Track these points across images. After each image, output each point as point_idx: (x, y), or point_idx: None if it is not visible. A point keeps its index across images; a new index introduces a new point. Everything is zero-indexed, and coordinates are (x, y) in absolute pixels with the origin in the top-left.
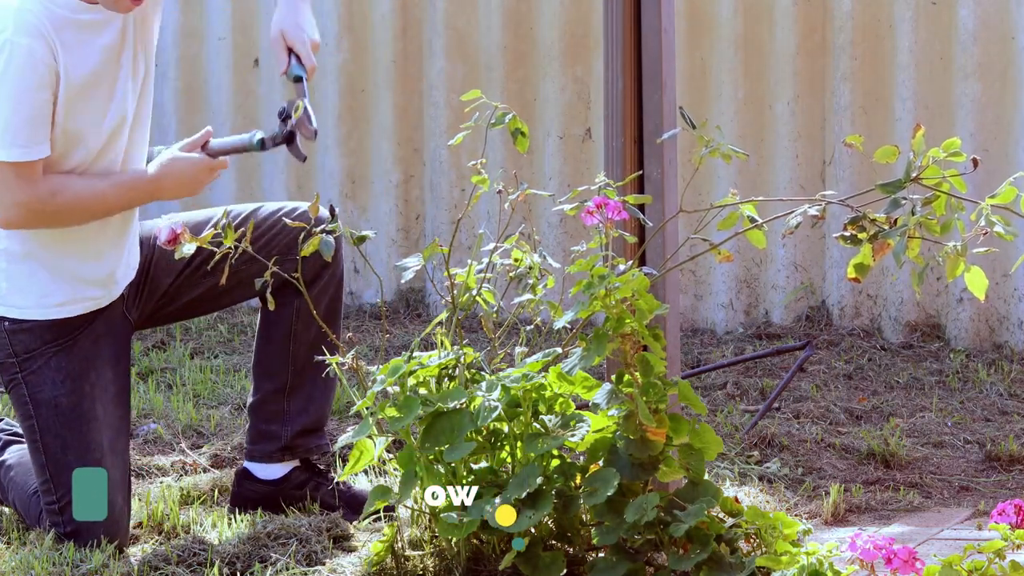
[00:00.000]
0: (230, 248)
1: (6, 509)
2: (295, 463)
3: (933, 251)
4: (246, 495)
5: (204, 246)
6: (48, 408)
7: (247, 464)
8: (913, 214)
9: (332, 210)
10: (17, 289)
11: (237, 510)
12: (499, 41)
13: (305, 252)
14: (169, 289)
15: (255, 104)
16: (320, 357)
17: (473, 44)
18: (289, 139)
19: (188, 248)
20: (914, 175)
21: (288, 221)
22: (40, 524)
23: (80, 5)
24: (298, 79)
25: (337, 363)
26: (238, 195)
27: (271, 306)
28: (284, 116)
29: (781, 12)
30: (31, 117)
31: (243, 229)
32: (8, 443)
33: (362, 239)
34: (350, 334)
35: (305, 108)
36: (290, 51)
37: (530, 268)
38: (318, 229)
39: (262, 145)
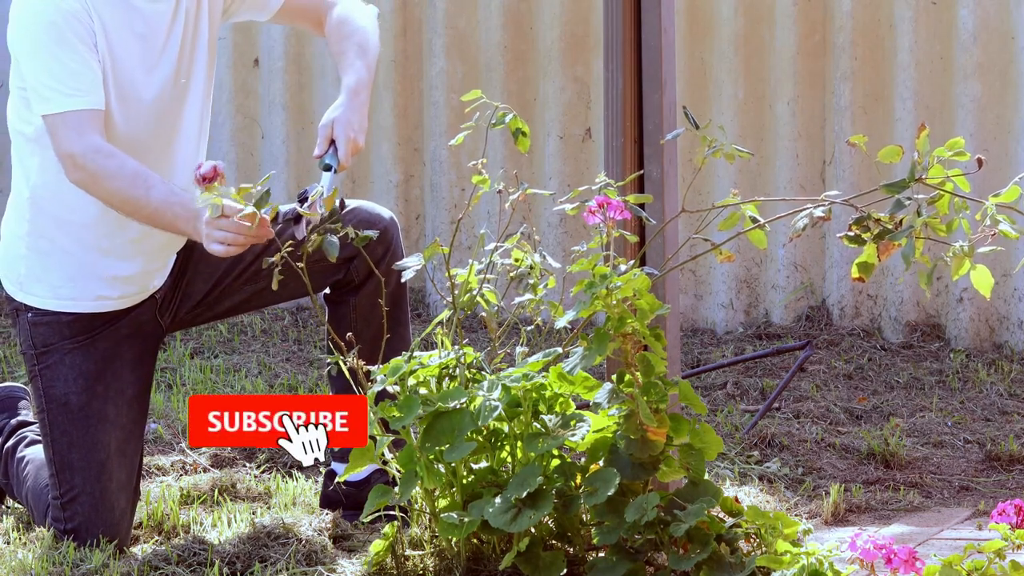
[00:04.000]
0: (283, 254)
1: (18, 505)
2: (376, 465)
3: (936, 251)
4: (332, 496)
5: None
6: (58, 404)
7: (333, 464)
8: (919, 215)
9: (343, 203)
10: (35, 277)
11: (326, 511)
12: (499, 41)
13: (307, 250)
14: (206, 298)
15: (255, 104)
16: (322, 356)
17: (473, 44)
18: (296, 219)
19: (205, 198)
20: (919, 175)
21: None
22: (45, 519)
23: None
24: (328, 167)
25: (339, 362)
26: None
27: (275, 286)
28: (302, 198)
29: (781, 12)
30: (71, 68)
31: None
32: (34, 442)
33: (365, 239)
34: (349, 333)
35: (321, 195)
36: (332, 143)
37: (531, 268)
38: (321, 227)
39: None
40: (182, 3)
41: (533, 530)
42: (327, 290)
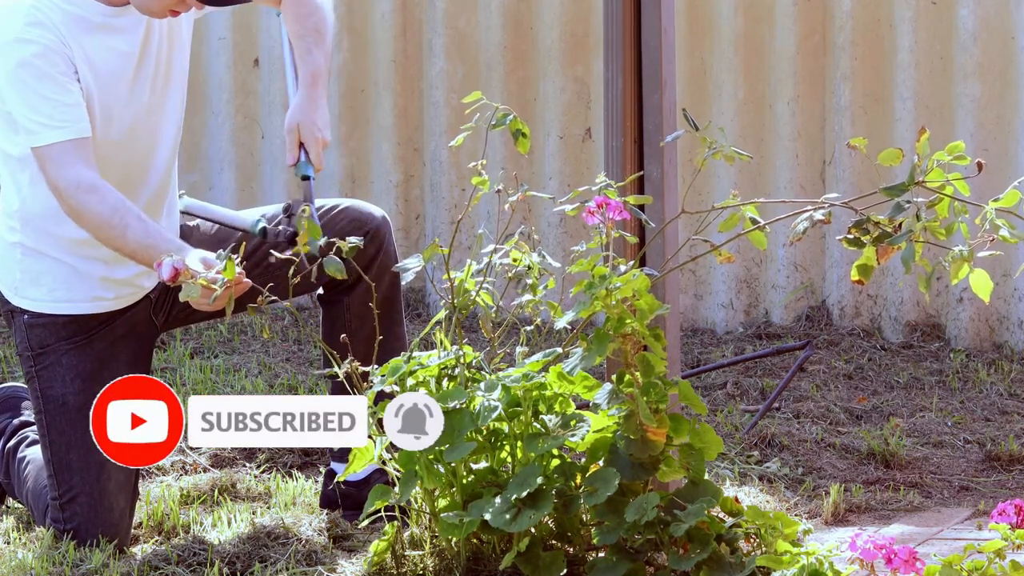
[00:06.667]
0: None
1: (19, 505)
2: (376, 464)
3: (936, 254)
4: (331, 496)
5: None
6: (56, 405)
7: (333, 464)
8: (919, 218)
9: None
10: (30, 281)
11: (325, 511)
12: (499, 41)
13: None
14: None
15: (255, 104)
16: (321, 371)
17: (473, 44)
18: (292, 239)
19: (193, 291)
20: (918, 179)
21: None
22: (45, 520)
23: (96, 7)
24: (306, 178)
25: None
26: (238, 195)
27: (266, 335)
28: (289, 213)
29: (781, 12)
30: (52, 101)
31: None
32: (35, 442)
33: (354, 249)
34: (343, 335)
35: (311, 215)
36: (301, 146)
37: (529, 268)
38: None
39: (263, 234)
40: (154, 33)
41: (533, 530)
42: (320, 290)
